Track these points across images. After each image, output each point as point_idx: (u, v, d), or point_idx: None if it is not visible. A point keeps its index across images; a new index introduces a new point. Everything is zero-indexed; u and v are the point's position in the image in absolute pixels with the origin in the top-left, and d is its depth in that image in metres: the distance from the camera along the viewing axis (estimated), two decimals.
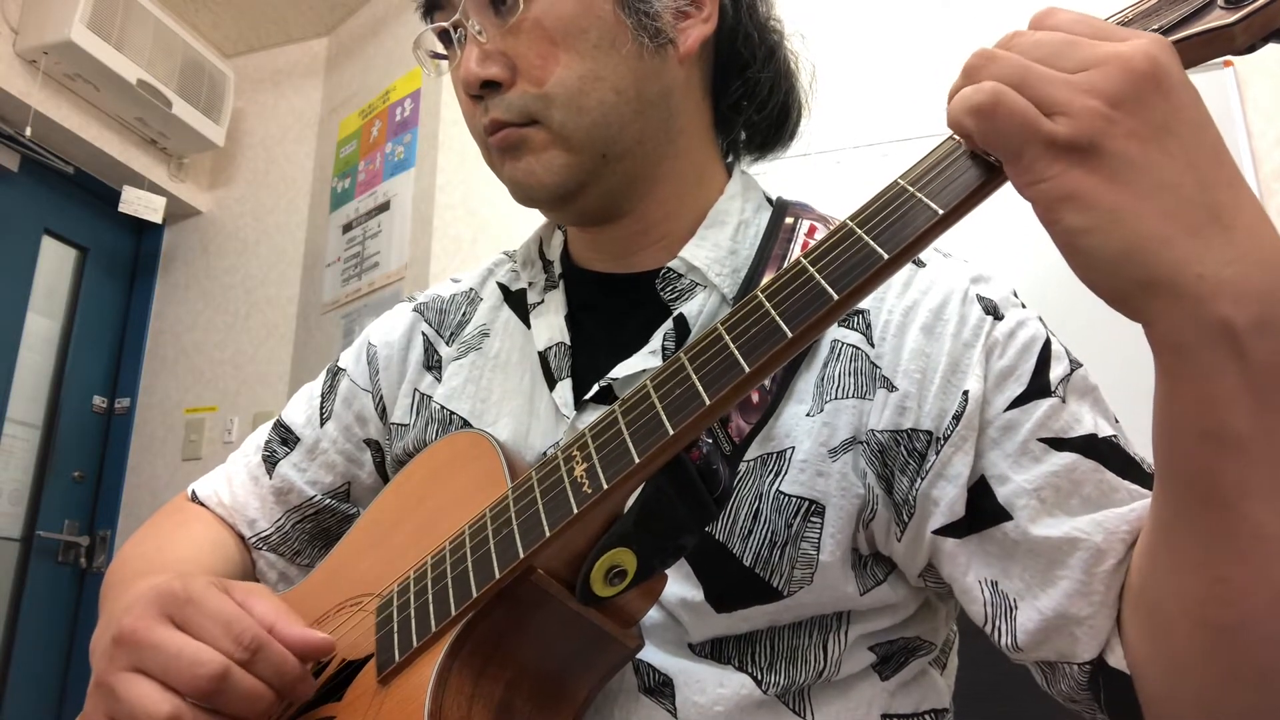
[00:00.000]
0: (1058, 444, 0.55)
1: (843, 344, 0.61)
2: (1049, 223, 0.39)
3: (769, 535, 0.57)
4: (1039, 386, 0.56)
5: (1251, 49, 0.41)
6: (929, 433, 0.57)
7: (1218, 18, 0.40)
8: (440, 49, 0.71)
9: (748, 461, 0.59)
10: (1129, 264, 0.37)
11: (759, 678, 0.58)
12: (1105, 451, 0.55)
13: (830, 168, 2.05)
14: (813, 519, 0.57)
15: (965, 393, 0.56)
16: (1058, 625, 0.52)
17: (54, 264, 2.97)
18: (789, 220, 0.69)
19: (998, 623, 0.55)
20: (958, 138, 0.42)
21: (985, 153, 0.41)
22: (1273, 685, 0.43)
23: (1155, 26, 0.41)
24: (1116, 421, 0.58)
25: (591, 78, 0.62)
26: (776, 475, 0.58)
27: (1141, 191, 0.37)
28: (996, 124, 0.38)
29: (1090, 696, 0.53)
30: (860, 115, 2.10)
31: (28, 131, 2.64)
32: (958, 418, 0.56)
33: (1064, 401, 0.56)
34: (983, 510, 0.56)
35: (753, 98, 0.73)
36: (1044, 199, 0.38)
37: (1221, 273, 0.36)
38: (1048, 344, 0.58)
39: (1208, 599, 0.43)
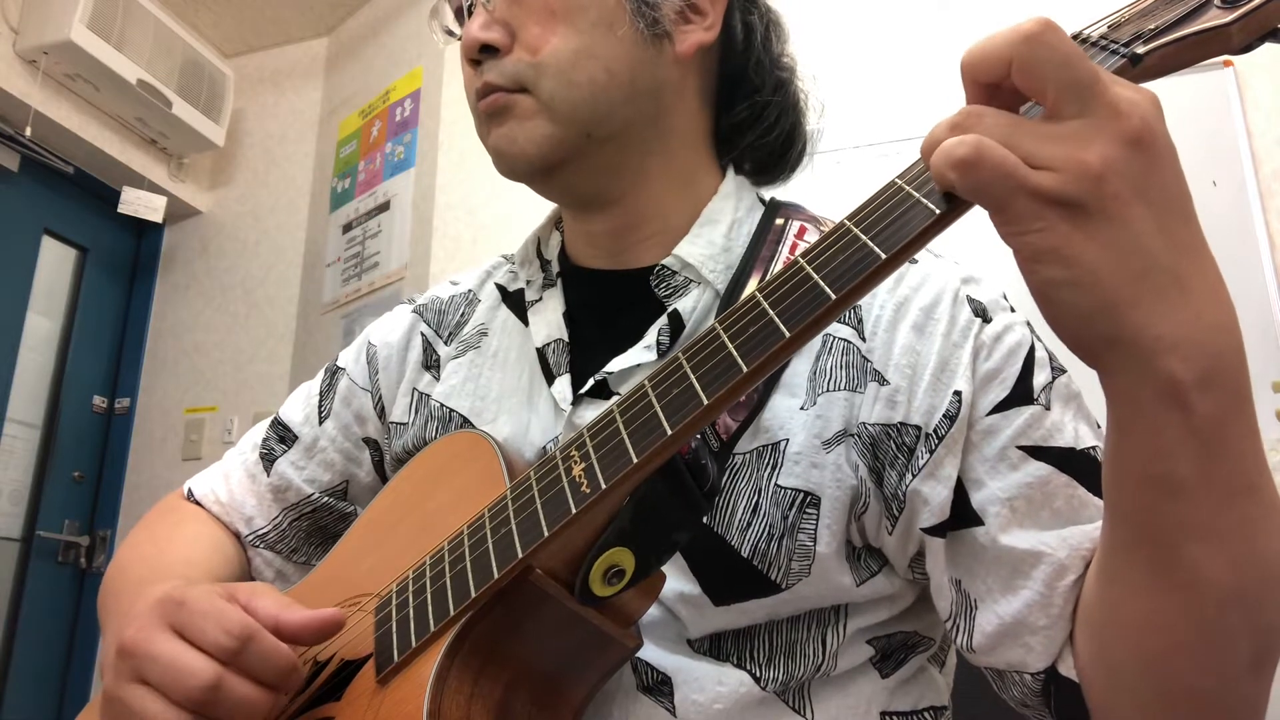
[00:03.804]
0: (1036, 452, 0.56)
1: (834, 338, 0.62)
2: (1028, 271, 0.39)
3: (767, 528, 0.58)
4: (1022, 392, 0.57)
5: (1248, 48, 0.41)
6: (918, 428, 0.58)
7: (1214, 17, 0.40)
8: (455, 28, 0.72)
9: (743, 455, 0.59)
10: (1099, 320, 0.38)
11: (757, 674, 0.58)
12: (1081, 466, 0.56)
13: (830, 168, 2.05)
14: (809, 510, 0.58)
15: (958, 394, 0.57)
16: (1014, 631, 0.55)
17: (54, 264, 2.97)
18: (779, 221, 0.70)
19: (958, 620, 0.57)
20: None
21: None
22: (1199, 704, 0.47)
23: (1152, 26, 0.41)
24: (1099, 426, 0.58)
25: (585, 54, 0.64)
26: (773, 468, 0.59)
27: (1120, 252, 0.37)
28: (980, 177, 0.38)
29: (1042, 702, 0.55)
30: (860, 115, 2.10)
31: (28, 131, 2.64)
32: (950, 418, 0.57)
33: (1046, 409, 0.57)
34: (957, 512, 0.57)
35: (759, 123, 0.74)
36: (1029, 249, 0.38)
37: (1176, 334, 0.38)
38: (1032, 349, 0.60)
39: (1143, 626, 0.47)
